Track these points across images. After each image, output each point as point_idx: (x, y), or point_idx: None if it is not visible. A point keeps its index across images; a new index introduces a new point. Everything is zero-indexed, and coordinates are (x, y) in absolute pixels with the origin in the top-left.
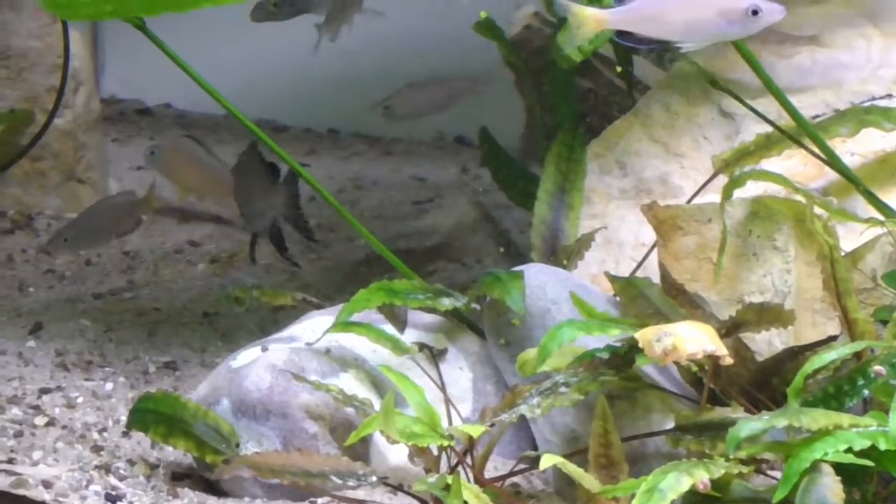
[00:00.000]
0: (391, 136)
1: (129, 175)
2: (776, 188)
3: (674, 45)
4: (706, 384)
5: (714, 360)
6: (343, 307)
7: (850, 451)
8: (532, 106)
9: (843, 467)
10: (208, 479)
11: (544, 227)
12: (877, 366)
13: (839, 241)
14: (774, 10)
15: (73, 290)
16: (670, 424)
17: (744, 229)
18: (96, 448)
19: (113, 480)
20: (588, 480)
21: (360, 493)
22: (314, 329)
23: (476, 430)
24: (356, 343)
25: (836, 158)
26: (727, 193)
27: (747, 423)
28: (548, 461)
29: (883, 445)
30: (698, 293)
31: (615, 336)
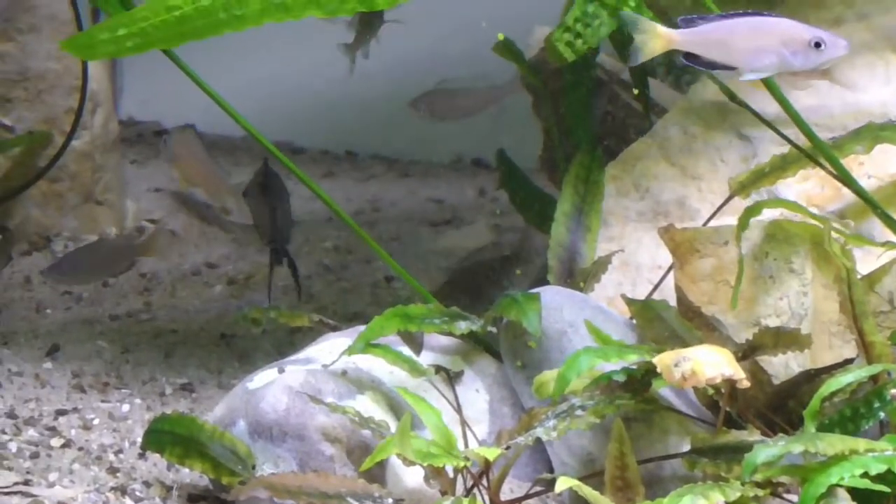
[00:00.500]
0: (409, 159)
1: (146, 196)
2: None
3: (738, 73)
4: (722, 407)
5: (731, 384)
6: (358, 335)
7: (866, 475)
8: (550, 128)
9: (859, 492)
10: (224, 500)
11: (561, 249)
12: (893, 389)
13: (856, 263)
14: (838, 44)
15: (91, 312)
16: (686, 447)
17: (761, 252)
18: (112, 470)
19: (129, 502)
20: (604, 503)
21: None
22: (331, 351)
23: (492, 453)
24: (373, 365)
25: (853, 180)
26: (743, 222)
27: (764, 449)
28: (564, 484)
29: None
30: (715, 316)
31: (632, 361)
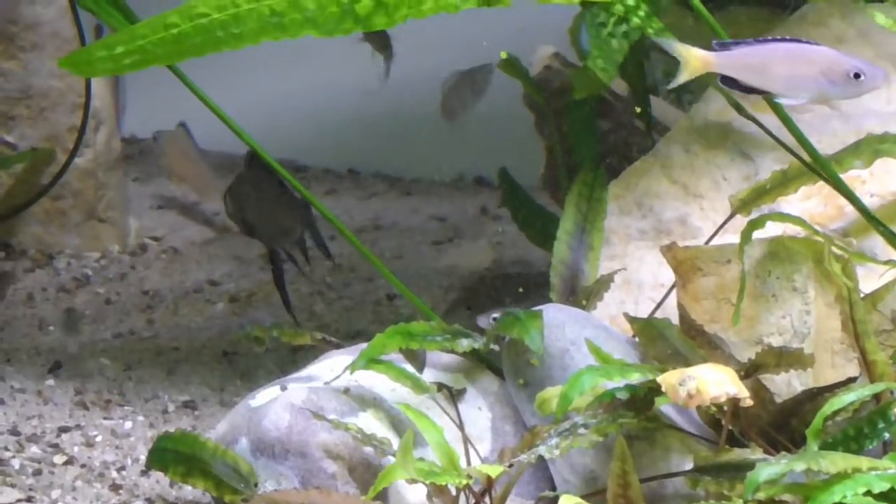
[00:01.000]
0: (411, 177)
1: (149, 214)
2: (795, 228)
3: (775, 98)
4: (725, 425)
5: (734, 402)
6: (360, 353)
7: (868, 493)
8: (552, 146)
9: None
10: None
11: (564, 267)
12: None
13: (858, 282)
14: (877, 75)
15: (93, 329)
16: (689, 465)
17: (763, 270)
18: (115, 487)
19: None
20: None
21: None
22: (333, 368)
23: (494, 471)
24: (375, 382)
25: (855, 198)
26: (746, 236)
27: (766, 468)
28: (566, 502)
29: None
30: (717, 334)
31: (635, 380)
